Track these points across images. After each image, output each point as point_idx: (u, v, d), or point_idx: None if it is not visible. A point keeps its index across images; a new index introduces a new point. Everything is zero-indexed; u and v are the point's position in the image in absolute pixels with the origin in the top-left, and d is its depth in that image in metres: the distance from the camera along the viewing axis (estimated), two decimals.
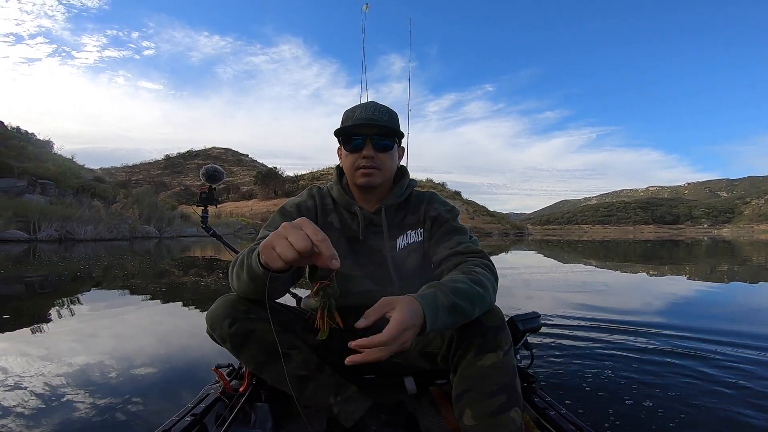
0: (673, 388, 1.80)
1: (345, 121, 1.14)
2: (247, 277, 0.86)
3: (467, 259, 1.04)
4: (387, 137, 1.12)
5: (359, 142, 1.11)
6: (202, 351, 2.28)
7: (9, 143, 20.49)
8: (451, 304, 0.83)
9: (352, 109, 1.14)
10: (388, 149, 1.13)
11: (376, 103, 1.15)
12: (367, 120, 1.09)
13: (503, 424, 0.87)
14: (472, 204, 62.47)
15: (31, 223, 13.95)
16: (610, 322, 3.07)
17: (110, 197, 20.53)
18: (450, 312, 0.83)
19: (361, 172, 1.11)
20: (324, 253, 0.67)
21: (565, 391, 1.75)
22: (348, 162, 1.14)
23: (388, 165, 1.14)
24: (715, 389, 1.80)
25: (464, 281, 0.90)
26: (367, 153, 1.10)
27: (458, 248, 1.07)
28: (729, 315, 3.51)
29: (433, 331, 0.81)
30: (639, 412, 1.57)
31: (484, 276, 0.95)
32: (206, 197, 1.78)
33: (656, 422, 1.48)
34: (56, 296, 4.16)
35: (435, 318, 0.80)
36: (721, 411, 1.57)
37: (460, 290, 0.87)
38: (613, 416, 1.52)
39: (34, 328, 2.83)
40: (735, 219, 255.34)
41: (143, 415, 1.52)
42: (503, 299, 4.01)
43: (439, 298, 0.83)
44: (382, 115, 1.11)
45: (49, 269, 6.62)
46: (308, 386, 1.02)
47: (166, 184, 76.46)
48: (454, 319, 0.84)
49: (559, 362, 2.13)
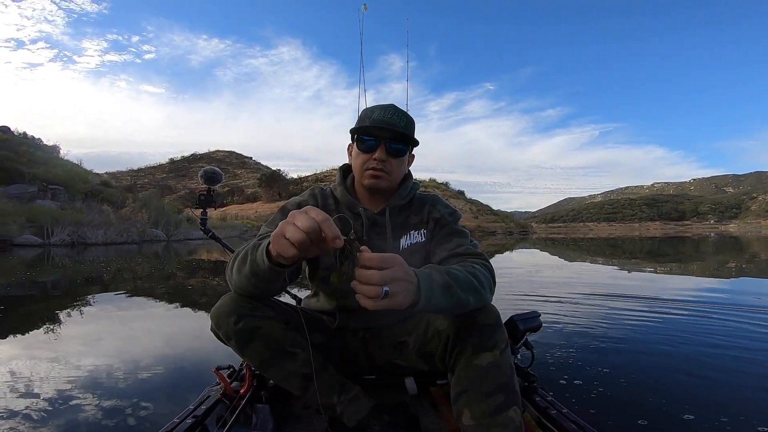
0: (674, 387, 1.80)
1: (362, 120, 1.14)
2: (249, 271, 0.85)
3: (466, 260, 1.03)
4: (401, 142, 1.12)
5: (373, 144, 1.10)
6: (203, 352, 2.29)
7: (19, 149, 20.74)
8: (446, 284, 0.81)
9: (371, 109, 1.14)
10: (400, 155, 1.13)
11: (396, 107, 1.14)
12: (384, 123, 1.08)
13: (502, 423, 0.87)
14: (476, 203, 62.31)
15: (45, 228, 14.15)
16: (612, 321, 3.05)
17: (118, 201, 20.72)
18: (444, 293, 0.80)
19: (369, 174, 1.11)
20: (327, 232, 0.66)
21: (567, 390, 1.74)
22: (359, 161, 1.13)
23: (398, 170, 1.14)
24: (716, 389, 1.79)
25: (461, 270, 0.89)
26: (380, 155, 1.09)
27: (458, 249, 1.07)
28: (744, 320, 3.34)
29: (426, 309, 0.77)
30: (641, 410, 1.56)
31: (482, 273, 0.94)
32: (205, 199, 1.78)
33: (658, 420, 1.48)
34: (69, 298, 4.21)
35: (430, 293, 0.77)
36: (722, 411, 1.56)
37: (455, 276, 0.86)
38: (615, 414, 1.52)
39: (39, 329, 2.86)
40: (742, 215, 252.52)
41: (144, 416, 1.53)
42: (504, 298, 4.02)
43: (434, 276, 0.81)
44: (399, 120, 1.10)
45: (63, 272, 6.69)
46: (312, 385, 1.02)
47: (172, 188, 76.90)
48: (448, 302, 0.82)
49: (560, 361, 2.12)
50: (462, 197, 62.01)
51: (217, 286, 5.17)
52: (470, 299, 0.87)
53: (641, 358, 2.22)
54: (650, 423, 1.46)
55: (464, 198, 62.33)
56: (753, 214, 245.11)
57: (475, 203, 62.23)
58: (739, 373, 2.00)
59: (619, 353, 2.29)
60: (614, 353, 2.28)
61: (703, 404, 1.61)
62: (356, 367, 1.23)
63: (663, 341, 2.52)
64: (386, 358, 1.20)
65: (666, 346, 2.43)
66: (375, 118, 1.10)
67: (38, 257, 9.63)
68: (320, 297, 1.24)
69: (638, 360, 2.19)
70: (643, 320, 3.12)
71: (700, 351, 2.32)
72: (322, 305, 1.23)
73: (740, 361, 2.18)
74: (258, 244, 0.85)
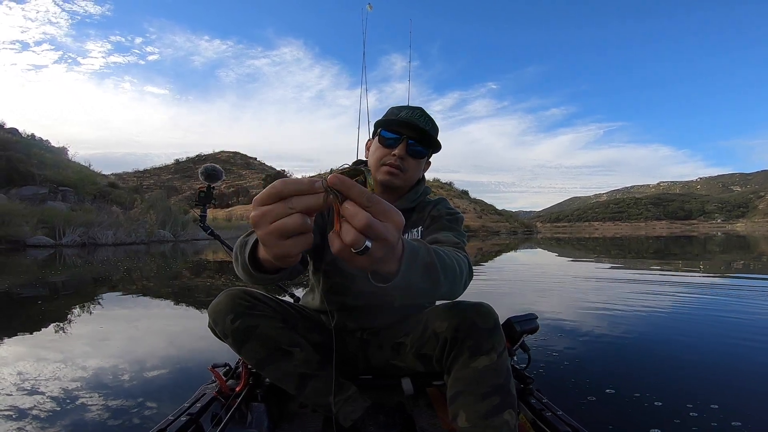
0: (673, 388, 1.78)
1: (388, 116, 1.15)
2: (244, 272, 0.80)
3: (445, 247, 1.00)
4: (422, 144, 1.12)
5: (395, 140, 1.11)
6: (202, 351, 2.30)
7: (30, 151, 21.02)
8: (430, 263, 0.71)
9: (399, 108, 1.15)
10: (419, 156, 1.13)
11: (424, 111, 1.14)
12: (410, 122, 1.09)
13: (497, 425, 0.86)
14: (480, 203, 62.25)
15: (57, 229, 14.35)
16: (610, 323, 3.03)
17: (126, 203, 20.95)
18: (425, 271, 0.69)
19: (386, 169, 1.11)
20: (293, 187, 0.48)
21: (562, 393, 1.73)
22: (377, 155, 1.13)
23: (414, 171, 1.15)
24: (715, 392, 1.77)
25: (447, 254, 0.80)
26: (400, 152, 1.09)
27: (439, 236, 1.06)
28: (746, 320, 3.31)
29: (396, 285, 0.63)
30: (637, 413, 1.54)
31: (463, 263, 0.87)
32: (205, 196, 1.77)
33: (655, 423, 1.46)
34: (80, 298, 4.26)
35: (409, 269, 0.63)
36: (722, 413, 1.54)
37: (441, 257, 0.76)
38: (611, 417, 1.50)
39: (48, 328, 2.89)
40: (749, 213, 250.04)
41: (138, 414, 1.53)
42: (502, 299, 4.00)
43: (421, 253, 0.69)
44: (425, 123, 1.11)
45: (74, 272, 6.76)
46: (309, 384, 1.02)
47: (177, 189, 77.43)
48: (425, 283, 0.71)
49: (557, 363, 2.11)
50: (466, 197, 61.96)
51: (222, 286, 5.20)
52: (445, 284, 0.76)
53: (638, 361, 2.20)
54: (647, 426, 1.44)
55: (468, 198, 62.29)
56: (761, 213, 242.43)
57: (480, 203, 62.18)
58: (740, 373, 1.98)
59: (616, 356, 2.27)
60: (611, 356, 2.27)
61: (702, 407, 1.59)
62: (353, 367, 1.23)
63: (661, 344, 2.50)
64: (383, 358, 1.19)
65: (664, 348, 2.41)
66: (402, 116, 1.11)
67: (50, 258, 9.76)
68: (318, 296, 1.24)
69: (635, 362, 2.17)
70: (643, 322, 3.09)
71: (699, 353, 2.31)
72: (320, 304, 1.23)
73: (741, 361, 2.16)
74: (245, 242, 0.76)
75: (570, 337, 2.61)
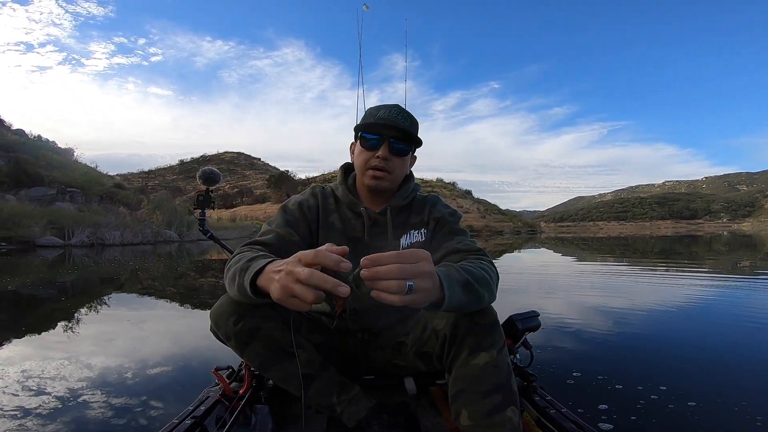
0: (676, 385, 1.77)
1: (367, 118, 1.13)
2: (238, 293, 0.83)
3: (468, 257, 1.03)
4: (404, 142, 1.12)
5: (376, 142, 1.10)
6: (205, 353, 2.31)
7: (38, 153, 21.19)
8: (465, 280, 0.80)
9: (376, 108, 1.14)
10: (403, 154, 1.13)
11: (401, 107, 1.13)
12: (389, 121, 1.08)
13: (499, 423, 0.86)
14: (483, 203, 62.04)
15: (65, 230, 14.54)
16: (612, 320, 3.02)
17: (132, 203, 21.07)
18: (464, 289, 0.79)
19: (371, 173, 1.11)
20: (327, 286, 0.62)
21: (566, 390, 1.73)
22: (361, 159, 1.13)
23: (400, 170, 1.14)
24: (718, 388, 1.76)
25: (473, 266, 0.88)
26: (383, 153, 1.09)
27: (459, 246, 1.07)
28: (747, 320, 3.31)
29: (449, 307, 0.75)
30: (641, 409, 1.54)
31: (490, 269, 0.93)
32: (203, 199, 1.77)
33: (659, 419, 1.46)
34: (87, 297, 4.29)
35: (452, 290, 0.75)
36: (723, 410, 1.54)
37: (471, 271, 0.84)
38: (615, 414, 1.50)
39: (55, 328, 2.91)
40: (755, 213, 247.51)
41: (143, 417, 1.53)
42: (505, 297, 4.00)
43: (452, 273, 0.79)
44: (404, 120, 1.10)
45: (83, 272, 6.82)
46: (312, 385, 1.02)
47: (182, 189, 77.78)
48: (468, 298, 0.81)
49: (560, 361, 2.11)
50: (469, 197, 61.80)
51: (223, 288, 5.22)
52: (485, 296, 0.86)
53: (642, 357, 2.20)
54: (651, 422, 1.44)
55: (471, 198, 62.11)
56: (767, 212, 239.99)
57: (483, 203, 61.97)
58: (742, 372, 1.97)
59: (619, 352, 2.27)
60: (614, 352, 2.26)
61: (705, 403, 1.59)
62: (355, 368, 1.23)
63: (665, 340, 2.49)
64: (385, 358, 1.20)
65: (668, 345, 2.40)
66: (380, 116, 1.10)
67: (60, 258, 9.85)
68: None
69: (639, 359, 2.17)
70: (646, 320, 3.08)
71: (702, 350, 2.30)
72: (321, 306, 1.23)
73: (743, 361, 2.15)
74: (246, 267, 0.80)
75: (573, 335, 2.60)
